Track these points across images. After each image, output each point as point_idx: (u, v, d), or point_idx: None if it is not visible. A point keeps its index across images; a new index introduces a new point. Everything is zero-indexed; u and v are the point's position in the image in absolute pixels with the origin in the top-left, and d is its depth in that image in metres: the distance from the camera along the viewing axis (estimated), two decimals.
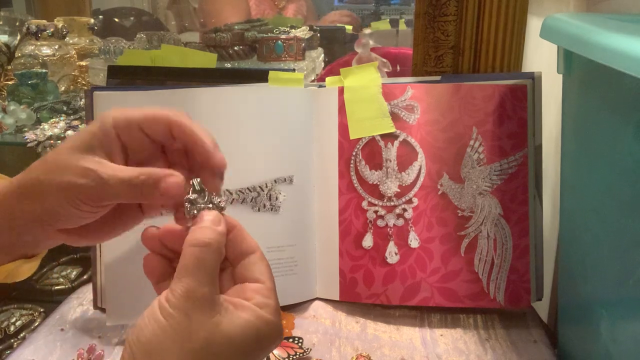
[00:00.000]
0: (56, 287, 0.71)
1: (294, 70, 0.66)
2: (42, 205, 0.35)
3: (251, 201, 0.61)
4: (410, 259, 0.61)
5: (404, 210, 0.62)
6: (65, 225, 0.37)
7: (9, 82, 1.03)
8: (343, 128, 0.63)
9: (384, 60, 0.93)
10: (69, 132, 0.85)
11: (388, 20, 1.72)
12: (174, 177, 0.36)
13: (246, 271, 0.36)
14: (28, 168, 0.37)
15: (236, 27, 1.14)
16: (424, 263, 0.61)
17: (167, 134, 0.37)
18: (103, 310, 0.60)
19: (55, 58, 1.10)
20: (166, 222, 0.38)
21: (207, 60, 0.71)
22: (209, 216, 0.35)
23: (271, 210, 0.62)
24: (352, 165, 0.63)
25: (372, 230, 0.62)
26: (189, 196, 0.36)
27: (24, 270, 0.40)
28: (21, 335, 0.61)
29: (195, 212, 0.36)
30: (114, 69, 0.66)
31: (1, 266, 0.37)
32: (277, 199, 0.62)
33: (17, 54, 1.09)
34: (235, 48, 1.07)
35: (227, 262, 0.37)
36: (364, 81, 0.63)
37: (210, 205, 0.37)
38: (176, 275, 0.33)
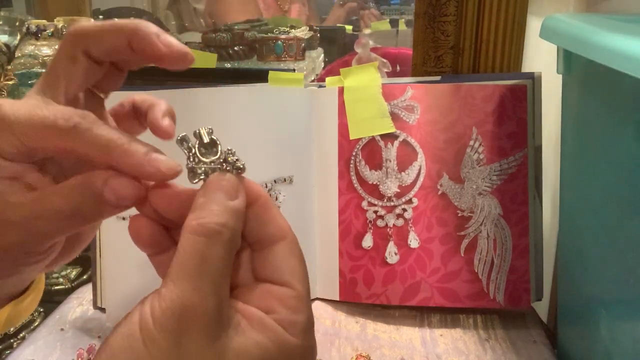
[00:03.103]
0: (56, 287, 0.71)
1: (293, 70, 0.66)
2: None
3: None
4: (410, 259, 0.61)
5: (404, 210, 0.62)
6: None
7: (9, 82, 1.03)
8: (343, 128, 0.63)
9: (384, 60, 0.93)
10: None
11: (388, 20, 1.72)
12: (117, 178, 0.25)
13: (270, 266, 0.26)
14: None
15: (236, 27, 1.14)
16: (423, 263, 0.61)
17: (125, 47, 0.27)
18: (103, 310, 0.60)
19: None
20: None
21: (207, 60, 0.72)
22: (220, 183, 0.25)
23: None
24: (352, 166, 0.63)
25: (371, 231, 0.62)
26: (193, 151, 0.26)
27: (22, 310, 0.31)
28: (21, 335, 0.61)
29: (203, 176, 0.26)
30: None
31: None
32: (277, 199, 0.62)
33: (17, 54, 1.09)
34: (235, 48, 1.07)
35: (245, 243, 0.27)
36: (364, 81, 0.63)
37: (224, 166, 0.26)
38: (169, 274, 0.23)
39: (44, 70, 1.01)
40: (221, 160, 0.26)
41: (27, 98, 0.28)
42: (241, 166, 0.26)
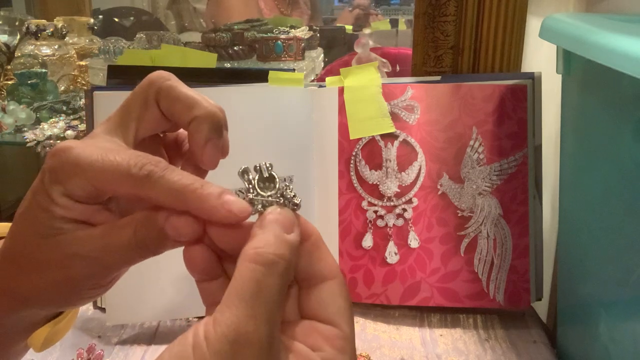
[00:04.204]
0: None
1: (293, 70, 0.66)
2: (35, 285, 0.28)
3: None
4: (410, 259, 0.61)
5: (404, 210, 0.62)
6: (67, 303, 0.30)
7: (9, 82, 1.04)
8: (343, 128, 0.63)
9: (384, 60, 0.94)
10: (69, 132, 0.85)
11: (388, 20, 1.73)
12: (178, 216, 0.26)
13: (318, 304, 0.26)
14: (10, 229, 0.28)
15: (236, 27, 1.14)
16: (423, 263, 0.61)
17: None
18: (103, 309, 0.60)
19: (54, 58, 1.10)
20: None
21: (207, 60, 0.71)
22: (277, 216, 0.26)
23: None
24: (352, 165, 0.63)
25: (371, 230, 0.62)
26: (252, 184, 0.27)
27: (59, 330, 0.32)
28: None
29: (260, 207, 0.26)
30: (113, 68, 0.66)
31: (32, 336, 0.31)
32: None
33: (17, 53, 1.10)
34: (235, 48, 1.07)
35: (292, 279, 0.27)
36: (364, 81, 0.63)
37: (281, 200, 0.27)
38: (224, 300, 0.23)
39: (43, 70, 1.00)
40: (278, 195, 0.27)
41: (96, 139, 0.28)
42: (297, 202, 0.27)
